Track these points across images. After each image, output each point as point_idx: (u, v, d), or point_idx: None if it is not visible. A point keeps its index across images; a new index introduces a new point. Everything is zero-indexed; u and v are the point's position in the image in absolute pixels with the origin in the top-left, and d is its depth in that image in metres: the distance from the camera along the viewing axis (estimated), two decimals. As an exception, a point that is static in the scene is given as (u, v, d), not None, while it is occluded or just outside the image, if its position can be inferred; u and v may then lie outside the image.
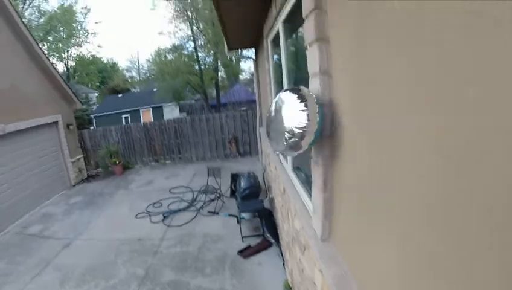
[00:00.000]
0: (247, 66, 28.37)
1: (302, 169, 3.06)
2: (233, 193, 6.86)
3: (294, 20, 2.93)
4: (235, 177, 6.80)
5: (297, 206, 2.61)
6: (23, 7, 24.82)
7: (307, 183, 2.60)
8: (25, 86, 9.11)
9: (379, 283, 1.32)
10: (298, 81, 3.12)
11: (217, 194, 7.11)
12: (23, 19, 9.27)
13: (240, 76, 29.94)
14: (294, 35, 3.13)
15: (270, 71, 4.80)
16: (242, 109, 18.55)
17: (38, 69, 9.82)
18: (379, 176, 1.23)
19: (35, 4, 26.06)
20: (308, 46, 1.88)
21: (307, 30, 1.85)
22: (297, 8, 2.56)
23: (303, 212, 2.46)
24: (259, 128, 8.64)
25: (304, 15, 1.90)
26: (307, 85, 1.92)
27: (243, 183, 5.61)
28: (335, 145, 1.71)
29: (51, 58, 23.46)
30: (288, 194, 3.17)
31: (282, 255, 4.55)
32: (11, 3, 8.78)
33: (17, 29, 8.99)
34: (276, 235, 4.94)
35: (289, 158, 3.49)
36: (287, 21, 3.22)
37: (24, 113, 8.75)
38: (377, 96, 1.19)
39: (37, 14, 26.25)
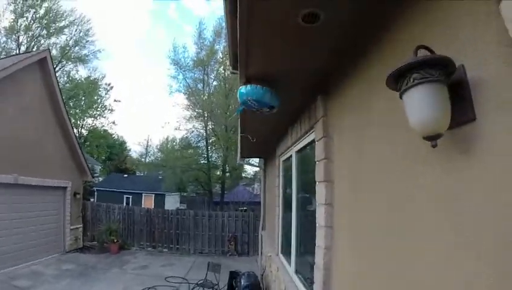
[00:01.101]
0: (249, 168, 29.96)
1: (303, 271, 3.69)
2: None
3: (306, 154, 3.92)
4: (234, 275, 7.16)
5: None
6: (54, 68, 27.26)
7: (309, 283, 3.23)
8: (47, 146, 9.96)
9: None
10: (305, 197, 3.97)
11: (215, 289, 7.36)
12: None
13: (244, 174, 31.20)
14: (304, 164, 4.08)
15: (280, 186, 5.67)
16: (243, 208, 19.16)
17: (61, 134, 10.84)
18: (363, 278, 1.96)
19: (66, 69, 28.30)
20: (317, 182, 2.77)
21: (318, 171, 2.75)
22: (310, 146, 3.55)
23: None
24: (261, 232, 9.20)
25: (316, 159, 2.83)
26: (311, 199, 2.76)
27: (243, 281, 6.03)
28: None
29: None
30: (289, 293, 3.73)
31: None
32: (52, 61, 10.23)
33: (51, 88, 10.14)
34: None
35: (292, 261, 4.12)
36: (299, 152, 4.20)
37: (38, 171, 9.43)
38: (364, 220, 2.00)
39: (65, 78, 28.18)
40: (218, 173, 25.11)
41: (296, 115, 3.77)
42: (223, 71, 22.17)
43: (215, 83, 23.33)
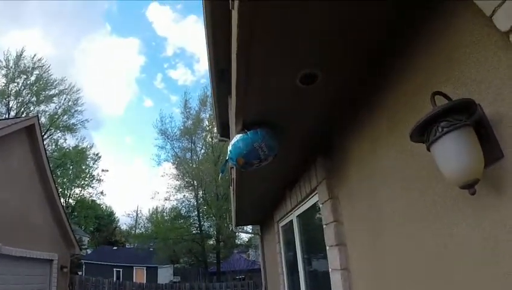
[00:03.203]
0: (243, 235, 28.97)
1: None
2: None
3: (308, 218, 3.72)
4: None
5: None
6: (42, 136, 26.73)
7: None
8: (32, 216, 9.40)
9: None
10: (313, 263, 3.69)
11: None
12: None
13: (238, 241, 30.02)
14: (308, 228, 3.85)
15: (281, 253, 5.33)
16: (241, 277, 18.13)
17: (47, 204, 10.34)
18: None
19: (54, 137, 27.64)
20: (328, 247, 2.56)
21: (328, 235, 2.56)
22: (313, 208, 3.37)
23: None
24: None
25: (324, 222, 2.65)
26: (321, 264, 2.51)
27: None
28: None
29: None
30: None
31: None
32: (40, 128, 10.05)
33: (38, 155, 9.86)
34: None
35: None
36: (301, 216, 3.98)
37: (24, 242, 8.76)
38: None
39: (53, 146, 27.50)
40: (211, 242, 24.17)
41: (294, 178, 3.64)
42: (210, 139, 22.44)
43: (202, 151, 23.50)
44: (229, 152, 2.21)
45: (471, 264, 1.12)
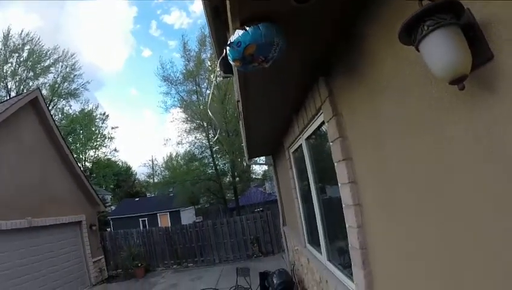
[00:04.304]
0: (258, 168, 29.89)
1: (336, 257, 3.64)
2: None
3: (317, 139, 3.86)
4: (264, 276, 7.09)
5: (339, 288, 3.12)
6: (48, 107, 27.23)
7: (344, 267, 3.17)
8: (54, 185, 10.02)
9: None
10: (324, 182, 3.91)
11: (249, 292, 7.31)
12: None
13: (253, 176, 31.14)
14: (317, 149, 4.02)
15: (294, 178, 5.60)
16: (259, 209, 19.11)
17: (66, 170, 10.92)
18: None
19: (59, 106, 28.56)
20: (336, 163, 2.70)
21: (334, 151, 2.69)
22: (320, 129, 3.49)
23: (344, 293, 2.99)
24: (283, 228, 9.14)
25: (330, 140, 2.77)
26: (331, 183, 2.70)
27: (276, 279, 5.96)
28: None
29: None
30: (327, 280, 3.66)
31: None
32: (44, 100, 10.28)
33: (48, 127, 10.24)
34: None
35: (323, 250, 4.06)
36: (309, 138, 4.13)
37: (50, 210, 9.47)
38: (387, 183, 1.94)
39: (60, 115, 28.47)
40: (228, 179, 25.08)
41: (299, 102, 3.70)
42: (214, 78, 22.12)
43: (208, 91, 23.33)
44: (237, 35, 1.72)
45: (469, 163, 1.21)
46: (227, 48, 1.81)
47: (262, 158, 9.74)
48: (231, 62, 1.88)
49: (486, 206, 1.14)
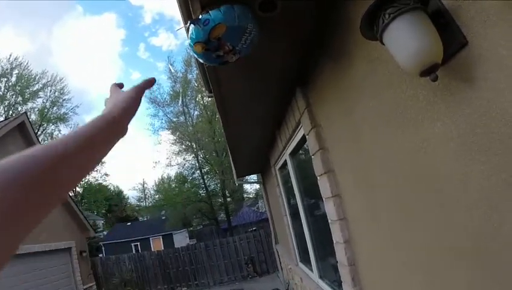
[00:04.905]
0: (249, 187, 29.57)
1: (328, 274, 3.47)
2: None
3: (300, 153, 3.76)
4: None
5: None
6: (35, 132, 26.78)
7: (336, 285, 3.01)
8: None
9: None
10: (310, 197, 3.78)
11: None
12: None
13: (245, 195, 30.75)
14: (301, 164, 3.90)
15: (282, 195, 5.45)
16: (253, 229, 18.79)
17: None
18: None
19: (48, 131, 27.68)
20: (318, 177, 2.59)
21: (316, 164, 2.57)
22: (302, 142, 3.37)
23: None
24: (275, 247, 8.91)
25: (311, 153, 2.66)
26: (317, 197, 2.57)
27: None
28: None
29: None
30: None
31: None
32: (31, 124, 10.07)
33: None
34: None
35: (314, 267, 3.89)
36: (293, 153, 4.01)
37: (39, 237, 9.04)
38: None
39: (49, 140, 27.63)
40: (219, 199, 24.72)
41: (280, 117, 3.60)
42: (201, 99, 22.14)
43: (196, 112, 23.27)
44: (206, 14, 1.47)
45: (451, 161, 1.11)
46: (191, 26, 1.48)
47: (254, 176, 9.59)
48: (191, 47, 1.55)
49: (477, 208, 1.03)
